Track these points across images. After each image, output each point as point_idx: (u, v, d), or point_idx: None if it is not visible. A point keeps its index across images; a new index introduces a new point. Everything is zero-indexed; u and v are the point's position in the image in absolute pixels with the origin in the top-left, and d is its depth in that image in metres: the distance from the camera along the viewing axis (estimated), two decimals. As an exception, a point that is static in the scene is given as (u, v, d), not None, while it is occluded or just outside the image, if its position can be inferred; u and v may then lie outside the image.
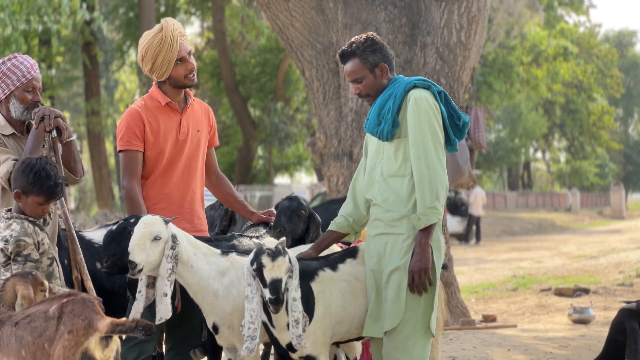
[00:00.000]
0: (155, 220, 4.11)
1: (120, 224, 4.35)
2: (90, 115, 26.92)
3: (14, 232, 4.00)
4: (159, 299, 4.11)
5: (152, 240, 4.06)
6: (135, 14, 28.94)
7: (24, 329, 3.63)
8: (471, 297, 11.50)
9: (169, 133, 4.76)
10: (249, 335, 4.01)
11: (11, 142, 4.47)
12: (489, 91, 29.57)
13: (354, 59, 4.24)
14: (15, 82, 4.45)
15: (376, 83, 4.26)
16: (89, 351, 3.53)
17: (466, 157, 7.99)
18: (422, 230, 4.08)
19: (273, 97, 30.90)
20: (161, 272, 4.11)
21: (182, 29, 4.78)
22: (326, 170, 8.47)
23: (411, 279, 4.06)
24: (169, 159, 4.76)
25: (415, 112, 4.11)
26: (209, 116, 5.01)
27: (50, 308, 3.65)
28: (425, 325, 4.12)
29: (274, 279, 3.94)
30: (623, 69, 55.81)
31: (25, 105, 4.47)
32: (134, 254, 4.03)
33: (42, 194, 4.03)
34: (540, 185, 66.89)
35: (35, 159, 4.08)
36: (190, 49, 4.78)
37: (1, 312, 3.79)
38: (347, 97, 8.20)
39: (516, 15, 26.87)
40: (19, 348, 3.61)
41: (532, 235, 30.82)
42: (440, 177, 4.08)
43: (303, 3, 8.31)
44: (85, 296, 3.73)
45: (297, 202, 4.75)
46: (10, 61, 4.48)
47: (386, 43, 4.49)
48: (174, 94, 4.81)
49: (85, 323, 3.58)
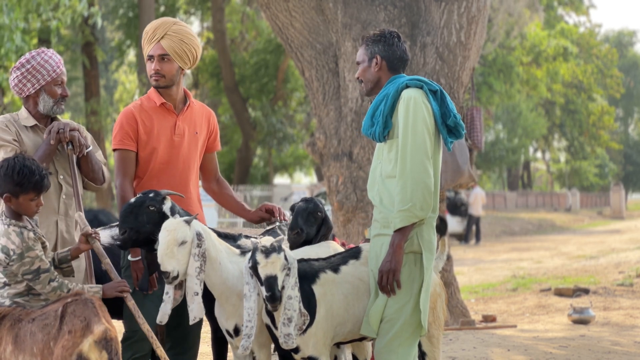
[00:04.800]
0: (177, 225, 4.07)
1: (139, 197, 4.32)
2: (90, 116, 26.91)
3: (15, 246, 3.89)
4: (191, 299, 4.09)
5: (178, 246, 4.05)
6: (135, 14, 28.95)
7: (37, 325, 3.66)
8: (471, 297, 11.50)
9: (163, 133, 4.75)
10: (245, 333, 4.02)
11: (30, 135, 4.46)
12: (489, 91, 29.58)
13: (362, 44, 4.35)
14: (46, 76, 4.47)
15: (369, 73, 4.30)
16: (84, 353, 3.53)
17: (466, 157, 7.99)
18: (396, 232, 4.07)
19: (272, 97, 30.91)
20: (190, 271, 4.08)
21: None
22: (326, 171, 8.46)
23: (380, 278, 4.09)
24: (163, 159, 4.76)
25: (405, 112, 4.11)
26: (210, 120, 4.98)
27: (60, 307, 3.67)
28: (413, 326, 4.13)
29: (268, 276, 3.94)
30: (623, 69, 55.80)
31: (55, 100, 4.49)
32: (164, 264, 4.01)
33: (31, 190, 3.95)
34: (540, 185, 66.90)
35: (11, 159, 3.99)
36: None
37: (19, 311, 3.80)
38: (347, 97, 8.20)
39: (516, 15, 26.87)
40: (32, 345, 3.64)
41: (532, 235, 30.81)
42: (422, 179, 4.05)
43: (303, 3, 8.31)
44: (87, 297, 3.73)
45: (314, 204, 4.74)
46: (39, 56, 4.49)
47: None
48: (170, 94, 4.81)
49: (84, 324, 3.59)
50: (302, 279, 4.15)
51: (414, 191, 4.04)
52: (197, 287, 4.06)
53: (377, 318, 4.13)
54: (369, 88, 4.34)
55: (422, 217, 4.08)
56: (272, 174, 34.66)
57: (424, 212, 4.07)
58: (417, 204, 4.04)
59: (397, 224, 4.06)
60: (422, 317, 4.11)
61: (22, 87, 4.48)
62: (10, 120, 4.47)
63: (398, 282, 4.08)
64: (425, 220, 4.14)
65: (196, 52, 4.83)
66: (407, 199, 4.04)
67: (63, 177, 4.40)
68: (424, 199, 4.05)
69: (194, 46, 4.81)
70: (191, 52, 4.79)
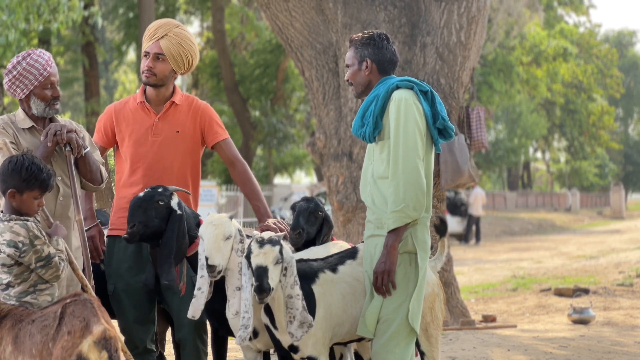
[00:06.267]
0: (222, 219, 4.14)
1: (148, 192, 4.35)
2: (90, 116, 26.91)
3: (22, 237, 3.91)
4: (232, 294, 4.15)
5: (224, 240, 4.11)
6: (135, 14, 28.95)
7: (37, 327, 3.67)
8: (471, 298, 11.51)
9: (140, 133, 4.77)
10: (242, 324, 4.03)
11: (28, 137, 4.45)
12: (489, 91, 29.55)
13: (351, 47, 4.35)
14: (33, 81, 4.40)
15: (359, 76, 4.30)
16: (83, 354, 3.53)
17: (466, 157, 7.98)
18: (389, 233, 4.08)
19: (272, 97, 30.90)
20: (231, 266, 4.15)
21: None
22: (326, 170, 8.46)
23: (375, 279, 4.09)
24: (138, 158, 4.76)
25: (396, 113, 4.11)
26: (198, 115, 4.85)
27: (59, 308, 3.68)
28: (410, 326, 4.13)
29: (258, 266, 3.94)
30: (623, 69, 55.77)
31: (47, 102, 4.44)
32: (212, 258, 4.06)
33: (37, 187, 3.98)
34: (540, 185, 66.88)
35: (20, 157, 4.02)
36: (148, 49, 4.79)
37: (21, 311, 3.81)
38: (347, 97, 8.20)
39: (516, 15, 26.87)
40: (31, 346, 3.64)
41: (532, 235, 30.81)
42: (414, 180, 4.05)
43: (303, 3, 8.30)
44: (86, 297, 3.73)
45: (315, 204, 4.77)
46: (25, 60, 4.41)
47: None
48: (157, 94, 4.81)
49: (83, 325, 3.59)
50: (301, 278, 4.16)
51: (407, 192, 4.04)
52: (239, 282, 4.12)
53: (373, 319, 4.13)
54: (359, 91, 4.34)
55: (416, 217, 4.08)
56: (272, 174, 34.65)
57: (417, 212, 4.08)
58: (410, 204, 4.05)
59: (390, 224, 4.07)
60: (409, 315, 4.11)
61: (13, 91, 4.46)
62: (7, 122, 4.46)
63: (393, 283, 4.08)
64: (419, 220, 4.14)
65: (192, 59, 4.82)
66: (400, 200, 4.05)
67: (61, 178, 4.40)
68: (417, 199, 4.06)
69: (191, 52, 4.80)
70: (187, 57, 4.78)
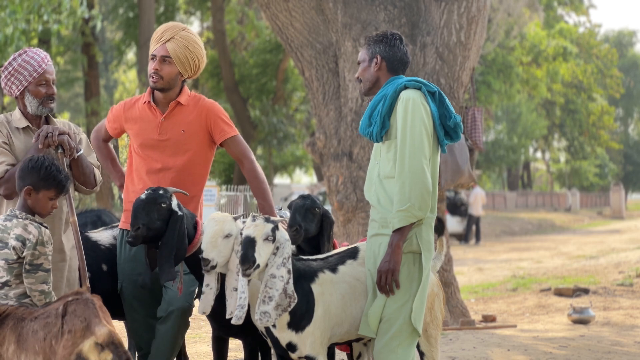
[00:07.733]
0: (225, 218, 4.17)
1: (149, 194, 4.34)
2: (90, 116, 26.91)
3: (32, 236, 3.97)
4: (229, 294, 4.18)
5: (223, 238, 4.13)
6: (135, 14, 28.94)
7: (39, 324, 3.68)
8: (471, 297, 11.51)
9: (145, 132, 4.78)
10: (239, 304, 4.06)
11: (22, 137, 4.46)
12: (489, 91, 29.54)
13: (364, 45, 4.38)
14: (28, 77, 4.43)
15: (368, 72, 4.33)
16: (83, 354, 3.53)
17: (466, 157, 7.98)
18: (394, 232, 4.09)
19: (273, 97, 30.90)
20: (230, 267, 4.18)
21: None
22: (326, 170, 8.47)
23: (378, 278, 4.10)
24: (142, 156, 4.78)
25: (403, 113, 4.13)
26: (206, 114, 4.82)
27: (60, 306, 3.68)
28: (412, 326, 4.14)
29: (246, 236, 3.99)
30: (623, 69, 55.78)
31: (40, 100, 4.46)
32: (207, 251, 4.10)
33: (54, 187, 4.06)
34: (539, 185, 66.88)
35: (42, 156, 4.11)
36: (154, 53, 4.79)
37: (22, 310, 3.82)
38: (347, 97, 8.20)
39: (516, 15, 26.87)
40: (34, 343, 3.65)
41: (532, 235, 30.82)
42: (420, 180, 4.06)
43: (303, 3, 8.30)
44: (88, 297, 3.73)
45: (311, 200, 4.78)
46: (20, 57, 4.46)
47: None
48: (164, 97, 4.81)
49: (84, 325, 3.59)
50: (301, 278, 4.17)
51: (413, 191, 4.05)
52: (236, 283, 4.15)
53: (376, 318, 4.14)
54: (367, 87, 4.36)
55: (421, 217, 4.09)
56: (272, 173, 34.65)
57: (423, 212, 4.09)
58: (415, 204, 4.05)
59: (395, 224, 4.08)
60: (412, 315, 4.12)
61: (8, 89, 4.48)
62: (2, 121, 4.47)
63: (397, 282, 4.09)
64: (424, 220, 4.15)
65: (199, 62, 4.79)
66: (406, 199, 4.06)
67: None
68: (423, 199, 4.07)
69: (198, 55, 4.77)
70: (194, 60, 4.76)
